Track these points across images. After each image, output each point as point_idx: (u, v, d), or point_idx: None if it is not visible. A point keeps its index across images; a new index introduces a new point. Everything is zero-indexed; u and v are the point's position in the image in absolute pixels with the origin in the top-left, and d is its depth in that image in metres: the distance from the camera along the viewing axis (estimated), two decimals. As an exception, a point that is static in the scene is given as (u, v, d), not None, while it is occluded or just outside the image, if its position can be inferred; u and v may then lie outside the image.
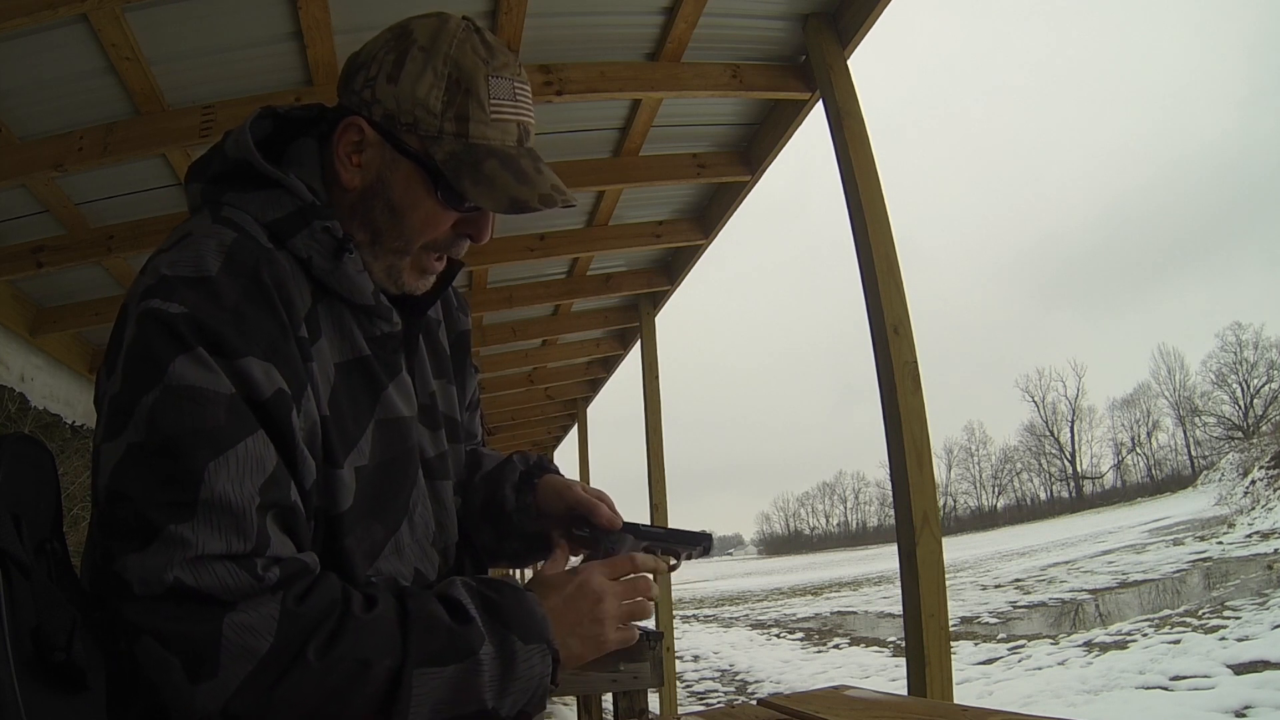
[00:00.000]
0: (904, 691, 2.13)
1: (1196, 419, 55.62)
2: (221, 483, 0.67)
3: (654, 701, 5.11)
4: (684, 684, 9.74)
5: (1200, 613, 9.11)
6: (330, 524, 0.78)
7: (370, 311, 0.85)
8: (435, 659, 0.69)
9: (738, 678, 10.20)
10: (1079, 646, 8.52)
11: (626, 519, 0.92)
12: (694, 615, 21.55)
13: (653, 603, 0.85)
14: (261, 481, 0.69)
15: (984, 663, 8.63)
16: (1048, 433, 71.08)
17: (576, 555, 0.93)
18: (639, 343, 5.62)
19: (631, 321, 5.69)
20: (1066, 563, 19.62)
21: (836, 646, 11.99)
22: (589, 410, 8.41)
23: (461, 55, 0.80)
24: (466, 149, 0.80)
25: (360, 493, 0.80)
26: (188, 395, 0.68)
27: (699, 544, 0.93)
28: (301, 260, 0.81)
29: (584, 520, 0.91)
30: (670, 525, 0.94)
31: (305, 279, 0.81)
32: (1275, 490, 23.27)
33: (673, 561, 0.93)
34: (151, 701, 0.72)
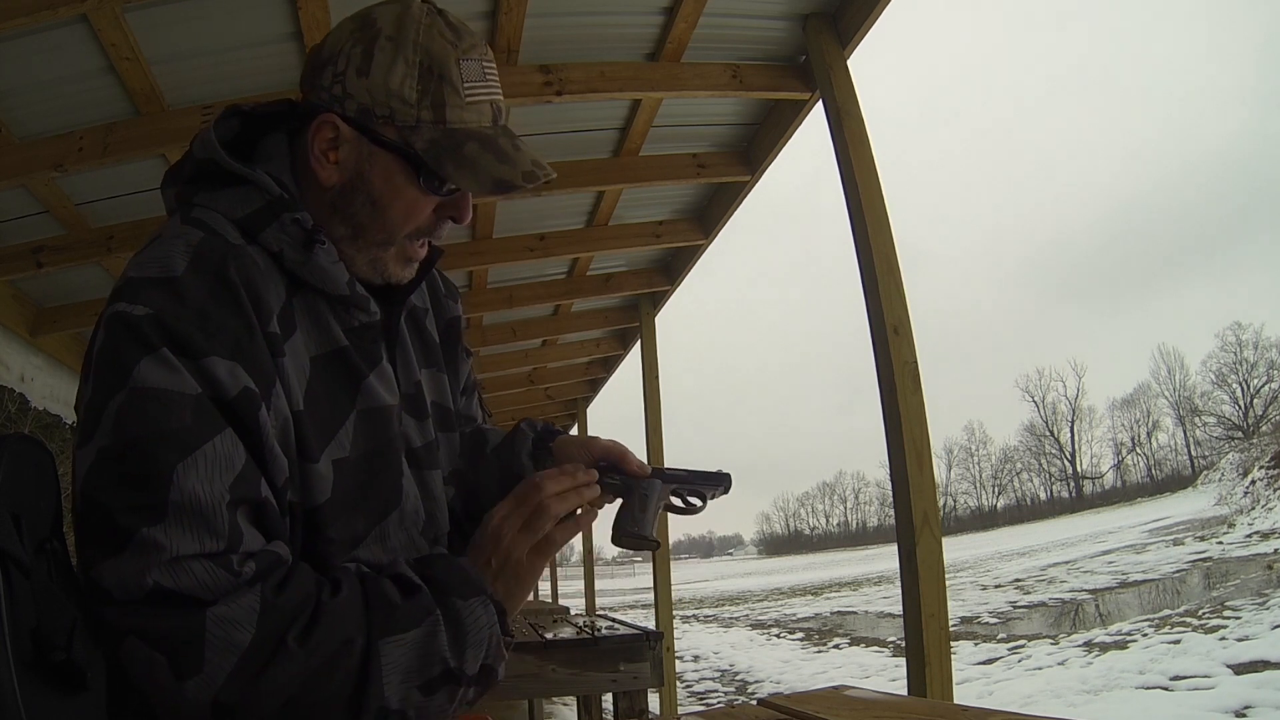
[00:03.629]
0: (904, 691, 2.14)
1: (1196, 419, 55.60)
2: (191, 483, 0.67)
3: (654, 701, 5.11)
4: (684, 684, 9.73)
5: (1200, 613, 9.10)
6: (308, 517, 0.79)
7: (346, 302, 0.85)
8: (396, 627, 0.71)
9: (738, 678, 10.19)
10: (1079, 646, 8.51)
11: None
12: (694, 615, 21.53)
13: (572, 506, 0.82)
14: (231, 479, 0.69)
15: (984, 663, 8.61)
16: (1048, 433, 71.06)
17: (610, 502, 0.94)
18: (639, 343, 5.62)
19: (631, 321, 5.69)
20: (1066, 563, 19.60)
21: (836, 646, 11.97)
22: (589, 410, 8.41)
23: (430, 41, 0.80)
24: (446, 135, 0.80)
25: (340, 485, 0.80)
26: (153, 397, 0.68)
27: (720, 484, 0.96)
28: (273, 254, 0.80)
29: (614, 469, 0.91)
30: (692, 468, 0.96)
31: (279, 274, 0.81)
32: (1275, 490, 23.25)
33: (698, 503, 0.95)
34: (145, 701, 0.72)
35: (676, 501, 0.94)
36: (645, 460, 0.93)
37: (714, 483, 0.95)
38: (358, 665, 0.68)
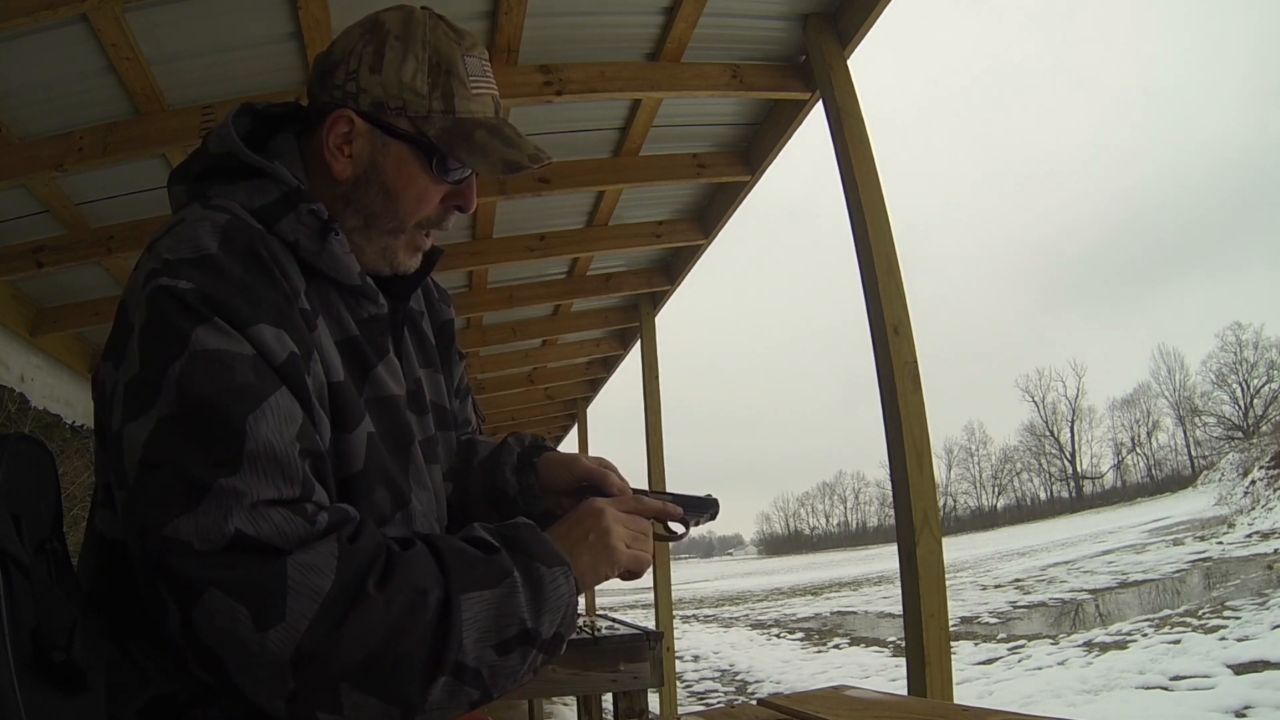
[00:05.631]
0: (904, 691, 2.14)
1: (1196, 419, 55.55)
2: (263, 432, 0.68)
3: (654, 701, 5.11)
4: (684, 684, 9.74)
5: (1200, 613, 9.10)
6: (340, 487, 0.80)
7: (357, 292, 0.88)
8: (475, 584, 0.70)
9: (738, 678, 10.20)
10: (1079, 646, 8.51)
11: (634, 486, 0.93)
12: (694, 615, 21.53)
13: (649, 547, 0.85)
14: (295, 430, 0.71)
15: (984, 663, 8.62)
16: (1048, 433, 71.03)
17: None
18: (639, 343, 5.62)
19: (631, 321, 5.69)
20: (1066, 563, 19.59)
21: (836, 646, 11.98)
22: (589, 410, 8.41)
23: (437, 40, 0.86)
24: (456, 124, 0.85)
25: (371, 458, 0.83)
26: (214, 358, 0.69)
27: (707, 510, 0.95)
28: (289, 244, 0.83)
29: (595, 490, 0.92)
30: (678, 492, 0.94)
31: (294, 262, 0.83)
32: (1275, 490, 23.23)
33: (680, 529, 0.93)
34: (154, 697, 0.72)
35: (657, 526, 0.91)
36: (630, 479, 0.93)
37: (700, 508, 0.93)
38: (436, 618, 0.68)
